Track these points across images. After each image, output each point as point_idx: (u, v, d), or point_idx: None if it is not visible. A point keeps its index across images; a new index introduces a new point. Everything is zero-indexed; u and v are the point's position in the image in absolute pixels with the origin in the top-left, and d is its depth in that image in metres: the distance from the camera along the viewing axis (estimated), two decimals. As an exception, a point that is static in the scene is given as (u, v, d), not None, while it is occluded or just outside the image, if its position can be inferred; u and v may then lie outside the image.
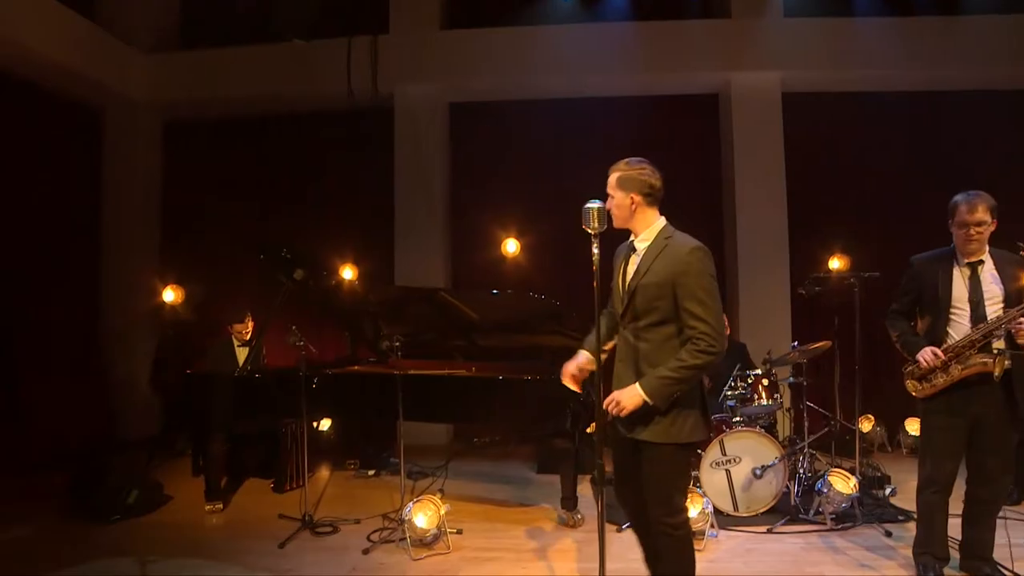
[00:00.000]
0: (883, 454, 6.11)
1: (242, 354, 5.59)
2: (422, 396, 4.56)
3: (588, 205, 2.72)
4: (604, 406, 2.68)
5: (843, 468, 4.52)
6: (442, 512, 4.14)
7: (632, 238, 2.84)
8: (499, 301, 5.08)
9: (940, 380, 3.30)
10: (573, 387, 2.99)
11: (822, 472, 5.06)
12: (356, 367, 5.65)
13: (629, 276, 2.78)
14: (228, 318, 5.62)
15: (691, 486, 4.05)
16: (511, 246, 6.64)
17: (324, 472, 5.91)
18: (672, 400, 2.63)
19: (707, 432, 2.82)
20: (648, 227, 2.77)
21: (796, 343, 5.11)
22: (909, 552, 3.71)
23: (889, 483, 4.94)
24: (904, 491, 4.85)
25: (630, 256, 2.82)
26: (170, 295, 6.18)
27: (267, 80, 6.84)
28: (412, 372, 4.71)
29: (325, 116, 7.13)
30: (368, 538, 4.29)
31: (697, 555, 2.88)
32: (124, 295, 6.94)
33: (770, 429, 4.86)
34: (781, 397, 4.94)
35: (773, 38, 6.56)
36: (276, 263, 5.14)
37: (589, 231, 2.73)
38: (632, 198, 2.73)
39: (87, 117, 6.87)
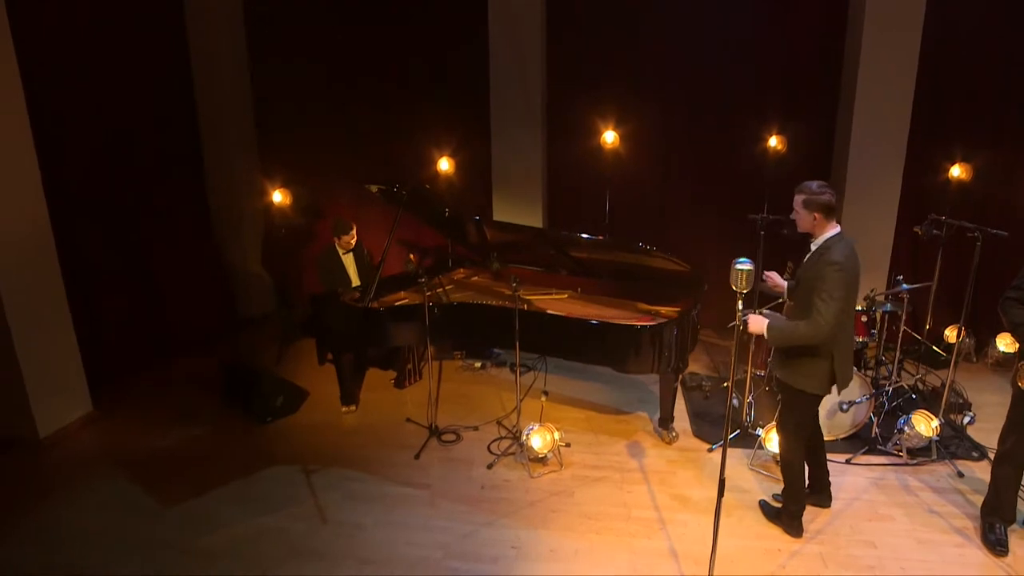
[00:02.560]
0: (968, 364, 6.19)
1: (348, 262, 5.93)
2: (537, 332, 4.93)
3: (738, 266, 2.84)
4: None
5: (926, 408, 4.77)
6: (556, 437, 4.72)
7: (811, 239, 3.57)
8: (607, 242, 5.26)
9: None
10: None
11: (907, 393, 5.37)
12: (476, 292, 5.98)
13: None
14: (336, 231, 5.86)
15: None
16: (609, 136, 6.42)
17: (434, 363, 6.43)
18: (787, 348, 3.56)
19: (828, 389, 3.61)
20: (819, 237, 3.51)
21: (900, 277, 5.12)
22: (977, 499, 4.12)
23: (969, 410, 5.15)
24: (982, 417, 5.08)
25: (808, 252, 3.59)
26: (278, 196, 6.38)
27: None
28: (528, 307, 5.02)
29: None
30: (489, 449, 4.97)
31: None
32: (227, 175, 7.13)
33: (857, 355, 4.97)
34: (877, 331, 5.09)
35: None
36: (390, 196, 5.28)
37: (735, 289, 2.86)
38: (815, 216, 3.45)
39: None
